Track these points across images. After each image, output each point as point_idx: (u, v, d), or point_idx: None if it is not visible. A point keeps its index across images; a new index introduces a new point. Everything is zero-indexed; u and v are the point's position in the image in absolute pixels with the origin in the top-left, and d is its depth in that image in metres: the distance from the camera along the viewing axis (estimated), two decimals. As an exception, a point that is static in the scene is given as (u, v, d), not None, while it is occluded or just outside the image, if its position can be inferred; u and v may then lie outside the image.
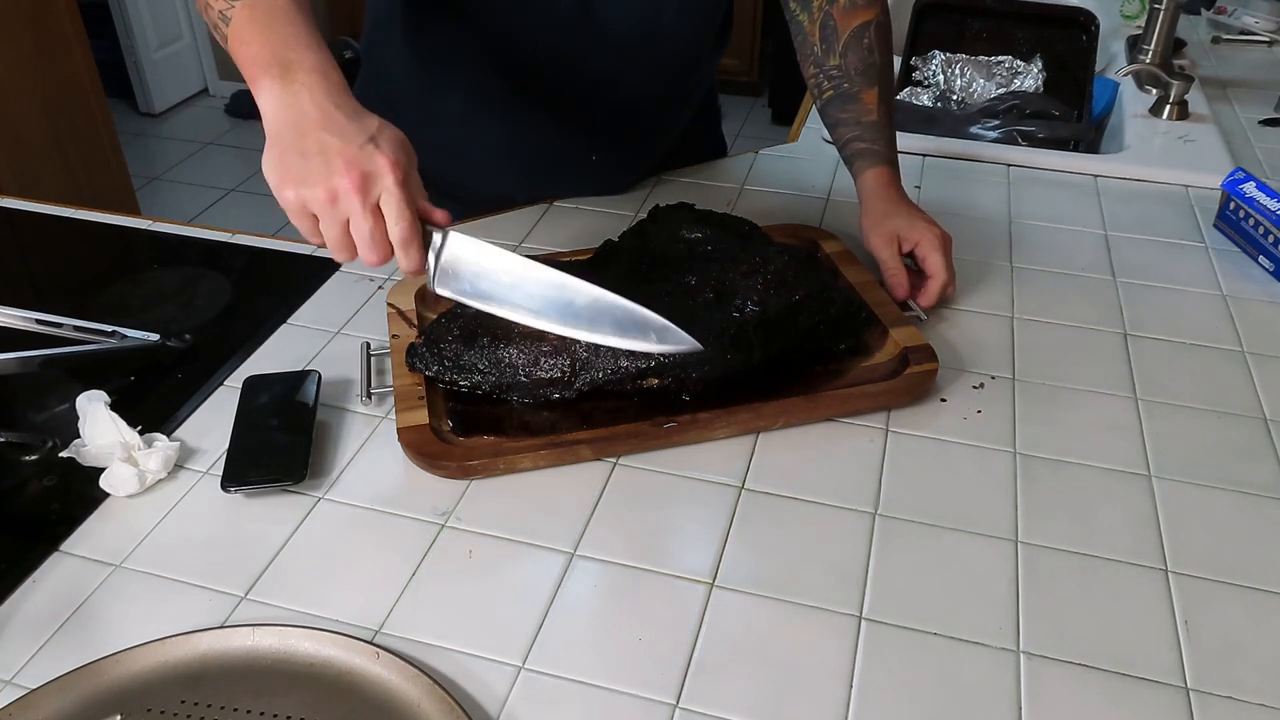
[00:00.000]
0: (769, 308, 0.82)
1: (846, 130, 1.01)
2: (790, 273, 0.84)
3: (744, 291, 0.82)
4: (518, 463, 0.75)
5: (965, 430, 0.81)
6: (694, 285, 0.83)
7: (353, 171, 0.62)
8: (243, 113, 3.82)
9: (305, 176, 0.63)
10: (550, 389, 0.79)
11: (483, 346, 0.80)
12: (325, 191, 0.63)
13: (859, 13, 0.99)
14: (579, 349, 0.79)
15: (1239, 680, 0.62)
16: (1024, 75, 1.57)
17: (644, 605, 0.66)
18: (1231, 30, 1.72)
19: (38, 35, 2.31)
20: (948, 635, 0.64)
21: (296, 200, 0.64)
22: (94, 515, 0.72)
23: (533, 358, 0.79)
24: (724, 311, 0.81)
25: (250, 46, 0.66)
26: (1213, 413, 0.84)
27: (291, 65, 0.65)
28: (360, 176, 0.62)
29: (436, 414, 0.79)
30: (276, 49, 0.65)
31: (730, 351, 0.80)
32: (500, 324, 0.79)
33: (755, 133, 3.74)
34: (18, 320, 0.89)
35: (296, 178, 0.63)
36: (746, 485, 0.76)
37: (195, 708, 0.59)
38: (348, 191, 0.62)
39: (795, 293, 0.83)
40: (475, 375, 0.80)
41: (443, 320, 0.82)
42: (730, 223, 0.94)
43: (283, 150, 0.64)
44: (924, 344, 0.86)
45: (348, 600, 0.66)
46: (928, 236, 0.94)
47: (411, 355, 0.81)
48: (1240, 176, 1.09)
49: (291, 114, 0.64)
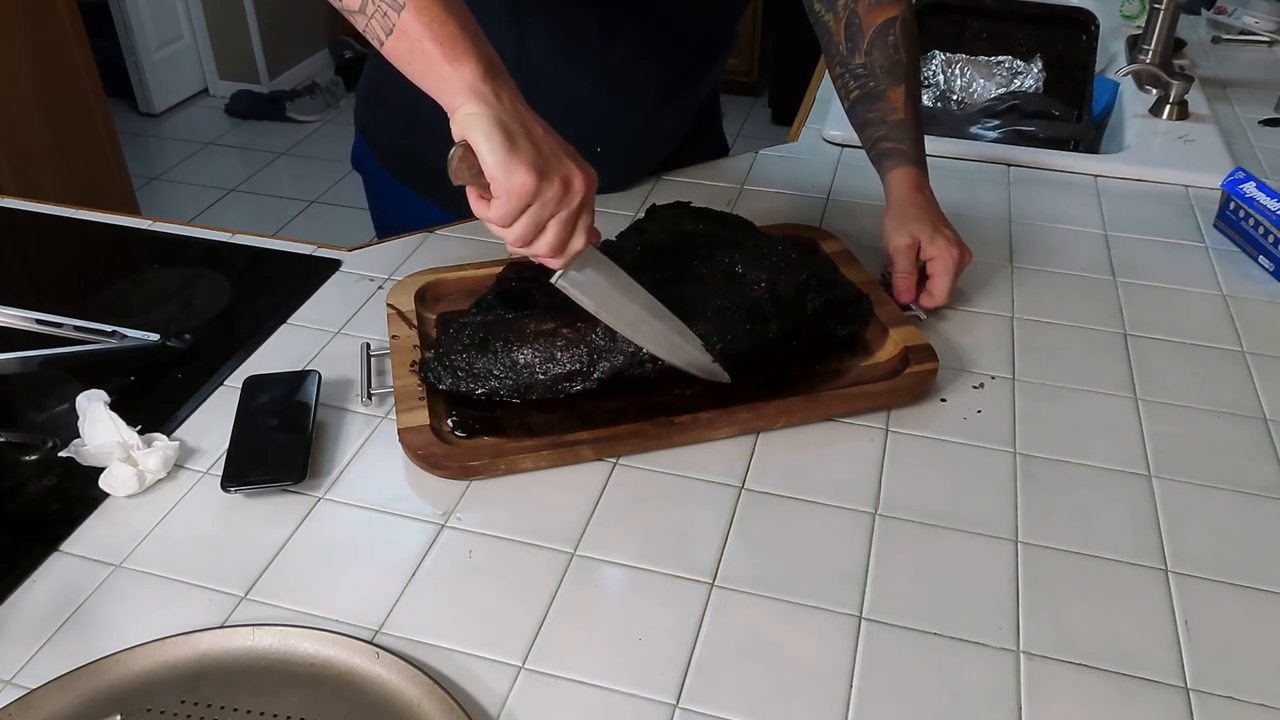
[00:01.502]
0: (779, 285, 0.84)
1: (874, 130, 1.00)
2: (794, 255, 0.86)
3: (754, 273, 0.84)
4: (519, 463, 0.75)
5: (965, 430, 0.81)
6: (705, 271, 0.85)
7: (586, 172, 0.69)
8: (242, 113, 3.82)
9: (545, 167, 0.67)
10: (570, 382, 0.79)
11: (495, 352, 0.79)
12: (561, 181, 0.68)
13: (884, 9, 0.98)
14: (595, 337, 0.79)
15: (1239, 680, 0.62)
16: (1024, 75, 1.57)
17: (644, 605, 0.66)
18: (1231, 30, 1.72)
19: (38, 35, 2.30)
20: (948, 635, 0.64)
21: (530, 185, 0.66)
22: (94, 515, 0.72)
23: (548, 354, 0.79)
24: (738, 289, 0.83)
25: (442, 35, 0.67)
26: (1213, 413, 0.84)
27: (499, 70, 0.68)
28: (575, 178, 0.68)
29: (437, 414, 0.79)
30: (479, 44, 0.68)
31: (748, 323, 0.81)
32: (509, 327, 0.79)
33: (755, 133, 3.74)
34: (18, 320, 0.89)
35: (536, 165, 0.67)
36: (746, 485, 0.76)
37: (195, 708, 0.59)
38: (578, 189, 0.69)
39: (802, 273, 0.86)
40: (491, 381, 0.79)
41: (451, 332, 0.82)
42: (728, 218, 0.94)
43: (515, 137, 0.66)
44: (924, 343, 0.86)
45: (348, 600, 0.66)
46: (944, 257, 0.92)
47: (425, 371, 0.81)
48: (1240, 176, 1.09)
49: (514, 114, 0.67)
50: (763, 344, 0.83)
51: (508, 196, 0.67)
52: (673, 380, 0.82)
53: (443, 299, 0.93)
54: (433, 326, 0.90)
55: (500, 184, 0.67)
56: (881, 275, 0.98)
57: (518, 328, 0.80)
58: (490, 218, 0.69)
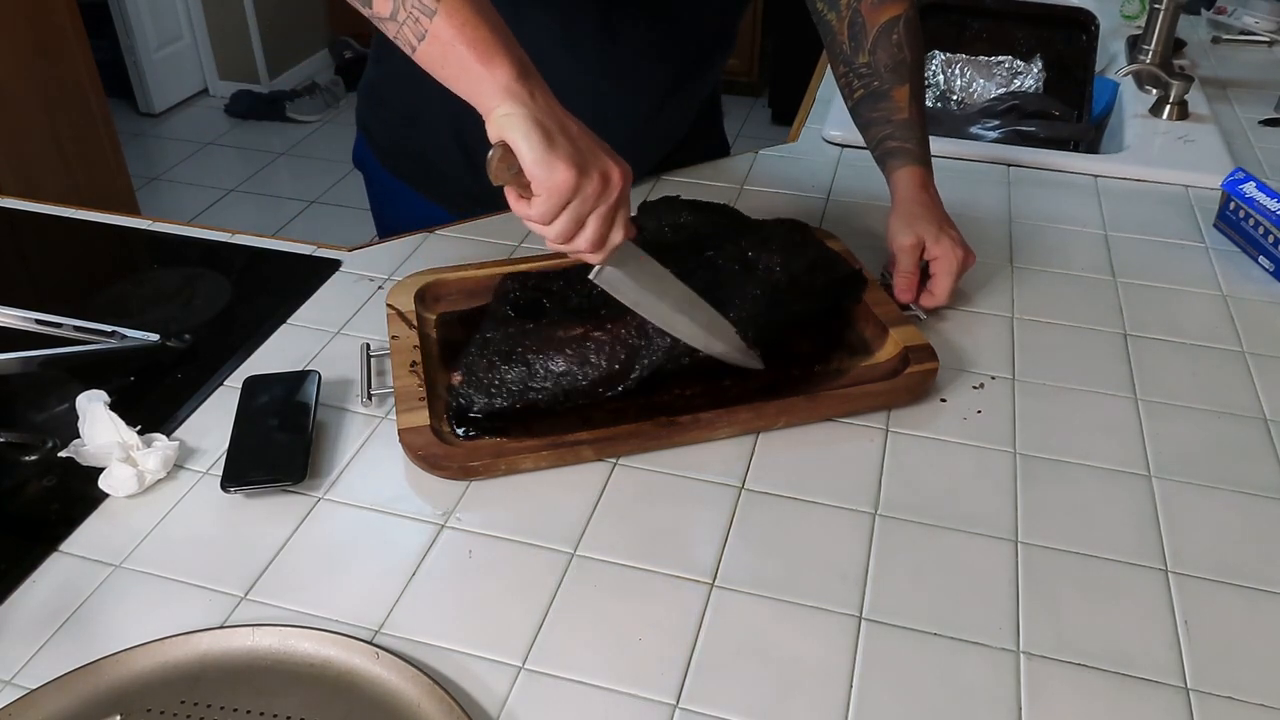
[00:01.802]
0: (791, 267, 0.86)
1: (879, 129, 1.00)
2: (797, 238, 0.89)
3: (765, 259, 0.86)
4: (519, 463, 0.75)
5: (965, 430, 0.81)
6: (721, 260, 0.86)
7: (623, 166, 0.70)
8: (242, 113, 3.82)
9: (584, 163, 0.68)
10: (613, 383, 0.79)
11: (528, 364, 0.78)
12: (600, 175, 0.68)
13: (887, 8, 0.98)
14: (628, 335, 0.79)
15: (1239, 680, 0.62)
16: (1024, 75, 1.57)
17: (644, 605, 0.66)
18: (1231, 30, 1.72)
19: (38, 35, 2.30)
20: (948, 635, 0.64)
21: (571, 181, 0.67)
22: (94, 515, 0.72)
23: (582, 358, 0.78)
24: (754, 277, 0.84)
25: (480, 30, 0.68)
26: (1213, 413, 0.84)
27: (532, 72, 0.69)
28: (614, 174, 0.69)
29: (437, 415, 0.79)
30: (512, 47, 0.69)
31: (775, 306, 0.83)
32: (536, 337, 0.79)
33: (755, 133, 3.74)
34: (18, 320, 0.89)
35: (575, 161, 0.67)
36: (746, 485, 0.76)
37: (195, 708, 0.59)
38: (616, 183, 0.69)
39: (807, 253, 0.88)
40: (530, 393, 0.78)
41: (474, 351, 0.80)
42: (717, 208, 0.96)
43: (555, 135, 0.67)
44: (924, 343, 0.86)
45: (348, 600, 0.66)
46: (949, 257, 0.93)
47: (455, 397, 0.79)
48: (1240, 176, 1.09)
49: (551, 114, 0.68)
50: (788, 324, 0.86)
51: (549, 194, 0.67)
52: (673, 380, 0.82)
53: (442, 299, 0.93)
54: (433, 327, 0.90)
55: (541, 182, 0.67)
56: (882, 275, 0.98)
57: (546, 336, 0.79)
58: (531, 215, 0.70)
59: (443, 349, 0.87)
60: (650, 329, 0.79)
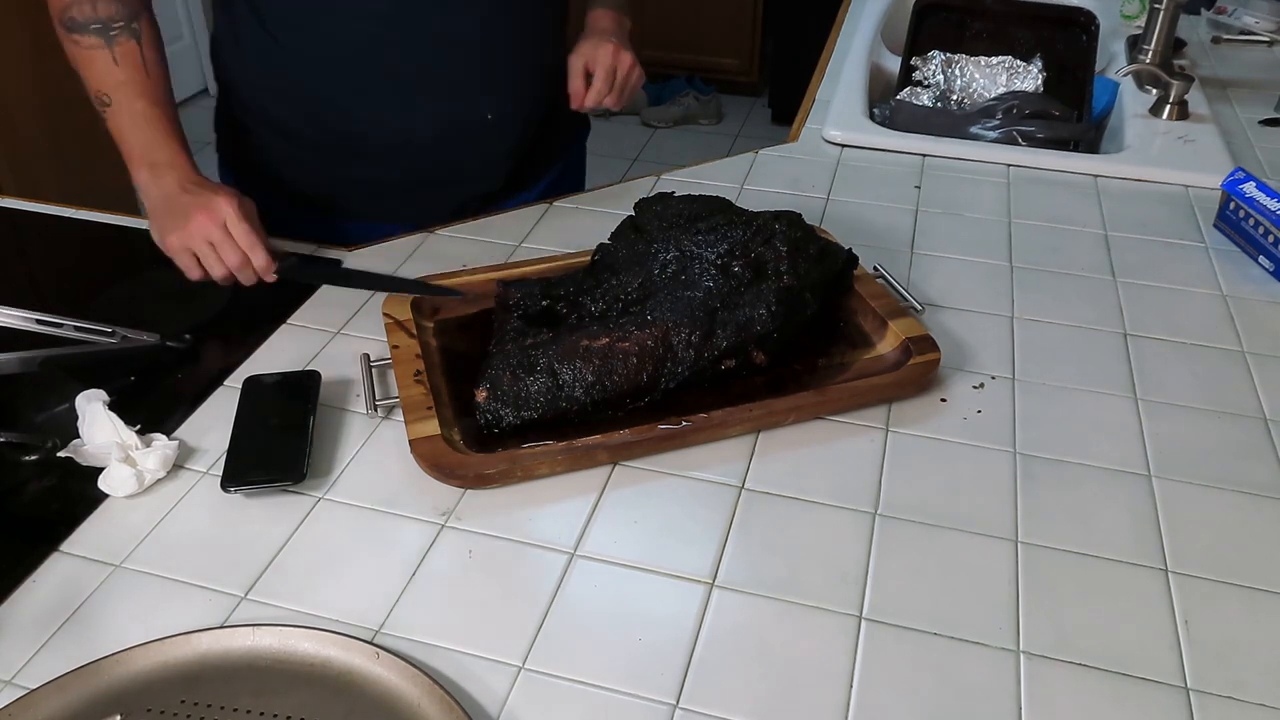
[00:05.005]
0: (799, 264, 0.87)
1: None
2: (798, 233, 0.90)
3: (773, 259, 0.86)
4: (535, 470, 0.75)
5: (965, 430, 0.81)
6: (730, 265, 0.86)
7: (204, 210, 0.87)
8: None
9: (176, 224, 0.88)
10: (640, 395, 0.80)
11: (553, 374, 0.78)
12: (190, 226, 0.87)
13: None
14: (654, 346, 0.79)
15: (1239, 680, 0.62)
16: (1024, 75, 1.57)
17: (644, 605, 0.66)
18: (1231, 30, 1.72)
19: (38, 35, 2.30)
20: (948, 635, 0.64)
21: (177, 242, 0.88)
22: (94, 515, 0.72)
23: (608, 368, 0.78)
24: (769, 281, 0.85)
25: (125, 143, 0.92)
26: (1213, 413, 0.84)
27: (158, 163, 0.91)
28: (209, 212, 0.87)
29: (447, 424, 0.78)
30: (146, 150, 0.91)
31: (788, 319, 0.84)
32: (558, 347, 0.79)
33: (755, 133, 3.74)
34: (18, 320, 0.89)
35: (171, 227, 0.88)
36: (746, 485, 0.76)
37: (195, 708, 0.59)
38: (202, 222, 0.87)
39: (811, 246, 0.90)
40: (561, 404, 0.78)
41: (497, 364, 0.80)
42: (709, 199, 0.96)
43: (160, 215, 0.90)
44: (924, 334, 0.86)
45: (348, 600, 0.66)
46: (600, 56, 1.05)
47: (481, 415, 0.78)
48: (1240, 176, 1.09)
49: (162, 192, 0.90)
50: (801, 325, 0.87)
51: (171, 253, 0.89)
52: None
53: (439, 307, 0.92)
54: (432, 335, 0.89)
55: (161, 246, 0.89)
56: (875, 268, 0.98)
57: (569, 346, 0.79)
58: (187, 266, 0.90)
59: (445, 357, 0.87)
60: (674, 340, 0.80)
